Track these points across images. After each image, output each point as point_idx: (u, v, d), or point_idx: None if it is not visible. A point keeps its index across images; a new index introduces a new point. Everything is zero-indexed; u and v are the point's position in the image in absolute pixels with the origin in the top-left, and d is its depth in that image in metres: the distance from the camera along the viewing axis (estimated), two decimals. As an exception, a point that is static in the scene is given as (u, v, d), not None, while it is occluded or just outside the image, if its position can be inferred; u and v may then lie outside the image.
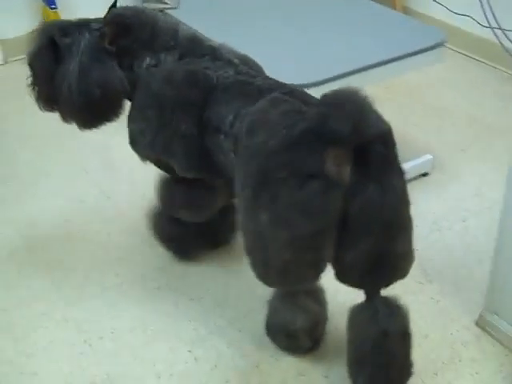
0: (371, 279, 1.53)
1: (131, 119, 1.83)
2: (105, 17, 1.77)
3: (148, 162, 1.90)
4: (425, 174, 2.53)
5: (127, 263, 2.13)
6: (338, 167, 1.37)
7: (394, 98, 3.03)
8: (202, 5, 2.56)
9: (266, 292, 1.77)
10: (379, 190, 1.39)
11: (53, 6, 3.20)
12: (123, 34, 1.77)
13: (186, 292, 2.01)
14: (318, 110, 1.41)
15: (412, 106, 3.01)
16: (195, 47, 1.79)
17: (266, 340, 1.82)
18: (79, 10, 2.58)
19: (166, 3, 2.41)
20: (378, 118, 1.40)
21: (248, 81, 1.70)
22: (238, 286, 2.02)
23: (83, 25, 1.79)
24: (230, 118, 1.64)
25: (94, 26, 1.78)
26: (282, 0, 2.61)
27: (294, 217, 1.40)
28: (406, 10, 3.63)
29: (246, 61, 1.81)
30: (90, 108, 1.79)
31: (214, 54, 1.78)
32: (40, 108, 1.87)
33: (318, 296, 1.75)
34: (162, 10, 2.37)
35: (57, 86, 1.78)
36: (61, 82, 1.77)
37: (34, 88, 1.85)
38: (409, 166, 2.49)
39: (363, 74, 2.12)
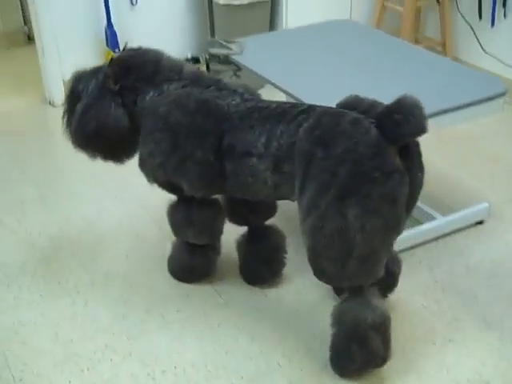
0: None
1: (141, 144, 1.98)
2: (110, 59, 1.97)
3: (155, 185, 2.03)
4: (480, 222, 2.54)
5: (188, 299, 2.17)
6: (396, 159, 1.64)
7: (447, 146, 3.06)
8: (265, 51, 2.64)
9: (325, 332, 1.81)
10: (421, 175, 1.72)
11: (117, 50, 3.33)
12: (124, 74, 1.97)
13: (247, 329, 2.04)
14: (390, 116, 1.64)
15: (465, 155, 3.03)
16: (199, 79, 1.97)
17: (328, 378, 1.84)
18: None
19: (230, 49, 2.49)
20: None
21: (260, 105, 1.86)
22: (299, 325, 2.05)
23: (96, 71, 2.02)
24: (263, 140, 1.78)
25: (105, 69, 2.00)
26: (345, 49, 2.67)
27: (384, 207, 1.64)
28: (457, 61, 3.69)
29: (249, 89, 1.97)
30: (87, 143, 2.02)
31: (218, 84, 1.95)
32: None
33: (379, 294, 1.83)
34: (227, 56, 2.45)
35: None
36: (69, 124, 2.04)
37: (65, 127, 2.08)
38: (464, 214, 2.51)
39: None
